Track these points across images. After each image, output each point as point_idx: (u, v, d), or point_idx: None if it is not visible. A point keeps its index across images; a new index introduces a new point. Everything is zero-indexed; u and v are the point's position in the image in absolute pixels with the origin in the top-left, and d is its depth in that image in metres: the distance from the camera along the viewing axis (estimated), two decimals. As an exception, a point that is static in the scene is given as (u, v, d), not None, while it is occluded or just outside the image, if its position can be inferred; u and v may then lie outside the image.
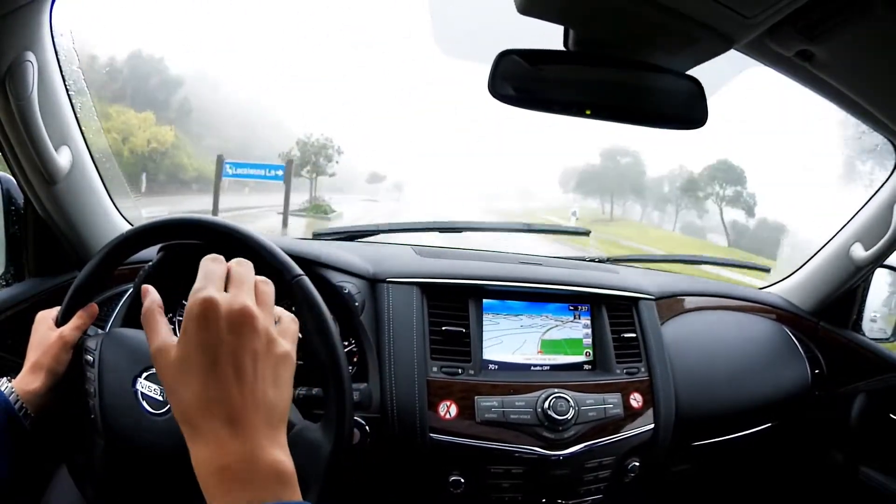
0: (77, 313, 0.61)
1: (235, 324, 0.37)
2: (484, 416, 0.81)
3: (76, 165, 0.82)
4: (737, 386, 1.06)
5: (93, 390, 0.56)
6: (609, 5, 0.54)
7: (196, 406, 0.36)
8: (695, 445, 1.02)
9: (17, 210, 0.86)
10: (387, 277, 0.88)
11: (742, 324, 1.19)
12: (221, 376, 0.36)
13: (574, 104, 0.65)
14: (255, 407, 0.36)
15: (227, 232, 0.63)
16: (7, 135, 0.71)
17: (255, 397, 0.36)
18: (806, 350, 1.18)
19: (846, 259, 1.14)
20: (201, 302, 0.37)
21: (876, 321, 1.24)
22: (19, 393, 0.56)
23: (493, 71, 0.61)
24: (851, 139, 6.54)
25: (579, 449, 0.83)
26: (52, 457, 0.63)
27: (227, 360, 0.36)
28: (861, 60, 0.63)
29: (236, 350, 0.36)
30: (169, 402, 0.38)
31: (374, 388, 0.81)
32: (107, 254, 0.62)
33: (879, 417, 1.14)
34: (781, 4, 0.51)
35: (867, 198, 1.12)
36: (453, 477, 0.82)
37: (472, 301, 0.89)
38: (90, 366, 0.57)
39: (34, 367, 0.58)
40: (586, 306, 0.95)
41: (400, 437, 0.79)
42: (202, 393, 0.36)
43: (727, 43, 0.58)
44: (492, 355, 0.87)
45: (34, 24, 0.68)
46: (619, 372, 0.91)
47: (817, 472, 1.25)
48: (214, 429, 0.35)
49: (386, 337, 0.83)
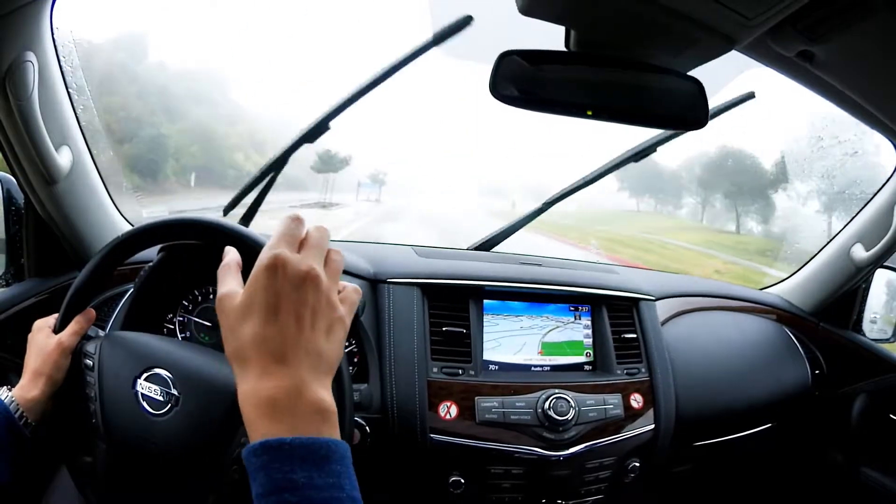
0: (75, 319, 0.61)
1: (300, 282, 0.39)
2: (484, 416, 0.81)
3: (76, 165, 0.82)
4: (737, 386, 1.06)
5: (93, 394, 0.56)
6: (610, 6, 0.54)
7: (251, 343, 0.38)
8: (695, 446, 1.02)
9: (17, 210, 0.86)
10: (387, 278, 0.88)
11: (742, 324, 1.19)
12: (280, 321, 0.38)
13: (575, 105, 0.65)
14: (306, 351, 0.39)
15: (225, 231, 0.63)
16: (7, 135, 0.71)
17: (306, 343, 0.39)
18: (806, 350, 1.18)
19: (847, 260, 1.14)
20: (272, 257, 0.39)
21: (876, 322, 1.24)
22: (19, 401, 0.56)
23: (494, 71, 0.61)
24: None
25: (580, 449, 0.83)
26: (52, 462, 0.63)
27: (289, 309, 0.39)
28: (862, 61, 0.63)
29: (297, 303, 0.39)
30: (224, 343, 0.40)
31: (374, 388, 0.81)
32: (104, 257, 0.62)
33: (879, 417, 1.14)
34: (782, 5, 0.51)
35: (868, 198, 1.12)
36: (453, 477, 0.82)
37: (473, 301, 0.89)
38: (90, 370, 0.58)
39: (34, 374, 0.58)
40: (587, 307, 0.95)
41: (400, 438, 0.79)
42: (259, 333, 0.38)
43: (728, 43, 0.58)
44: (492, 356, 0.87)
45: (34, 24, 0.68)
46: (619, 372, 0.91)
47: (817, 472, 1.25)
48: (265, 364, 0.38)
49: (386, 337, 0.83)
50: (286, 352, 0.38)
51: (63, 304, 0.62)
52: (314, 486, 0.35)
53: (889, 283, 1.23)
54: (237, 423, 0.55)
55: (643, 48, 0.62)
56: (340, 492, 0.36)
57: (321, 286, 0.40)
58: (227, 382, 0.57)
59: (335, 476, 0.36)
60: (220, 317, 0.41)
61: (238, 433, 0.55)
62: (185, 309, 0.82)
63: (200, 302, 0.83)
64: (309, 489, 0.35)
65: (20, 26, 0.66)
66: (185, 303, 0.82)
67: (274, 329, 0.38)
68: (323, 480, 0.35)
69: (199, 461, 0.55)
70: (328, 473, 0.36)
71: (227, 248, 0.48)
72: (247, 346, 0.39)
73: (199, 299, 0.83)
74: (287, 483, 0.35)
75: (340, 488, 0.36)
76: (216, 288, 0.42)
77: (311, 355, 0.39)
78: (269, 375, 0.38)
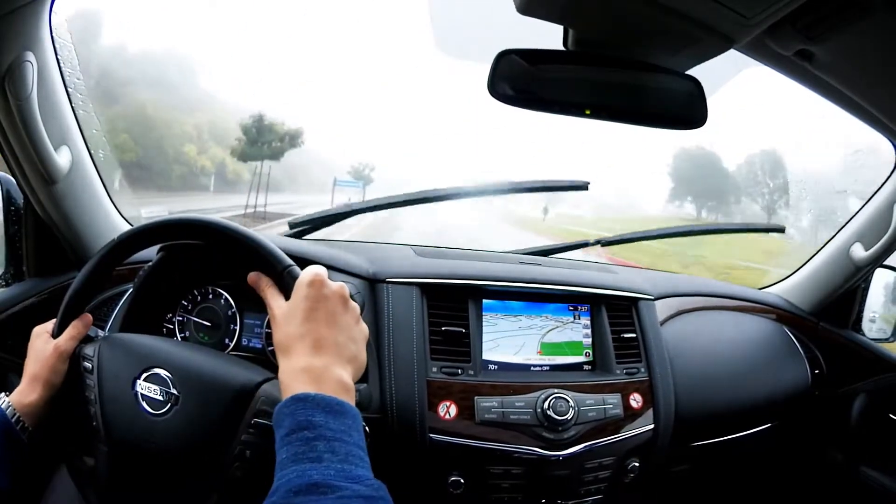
0: (72, 324, 0.61)
1: (331, 294, 0.54)
2: (484, 416, 0.81)
3: (76, 165, 0.82)
4: (736, 386, 1.06)
5: (93, 397, 0.56)
6: (609, 5, 0.54)
7: (295, 335, 0.51)
8: (694, 446, 1.02)
9: (16, 210, 0.86)
10: (386, 277, 0.88)
11: (742, 324, 1.19)
12: (317, 321, 0.52)
13: (573, 104, 0.65)
14: (335, 344, 0.52)
15: (223, 231, 0.63)
16: (7, 135, 0.71)
17: (335, 339, 0.52)
18: (806, 350, 1.18)
19: (846, 259, 1.14)
20: (313, 275, 0.54)
21: (875, 321, 1.24)
22: (17, 406, 0.56)
23: (492, 71, 0.61)
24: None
25: (579, 449, 0.83)
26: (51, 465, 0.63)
27: (323, 313, 0.52)
28: (861, 60, 0.63)
29: (331, 310, 0.53)
30: (273, 335, 0.54)
31: (373, 388, 0.81)
32: (102, 257, 0.62)
33: (879, 417, 1.14)
34: (781, 4, 0.51)
35: (867, 198, 1.12)
36: (453, 477, 0.82)
37: (472, 301, 0.89)
38: (89, 373, 0.58)
39: (31, 379, 0.58)
40: (586, 307, 0.95)
41: (400, 438, 0.79)
42: (300, 328, 0.51)
43: (727, 43, 0.58)
44: (492, 356, 0.87)
45: (34, 24, 0.68)
46: (618, 372, 0.91)
47: (817, 472, 1.25)
48: (303, 350, 0.50)
49: (386, 337, 0.83)
50: (318, 343, 0.51)
51: (61, 307, 0.62)
52: (329, 427, 0.43)
53: (889, 282, 1.23)
54: (237, 421, 0.56)
55: (642, 47, 0.62)
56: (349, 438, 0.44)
57: (350, 305, 0.55)
58: (227, 381, 0.57)
59: (346, 426, 0.44)
60: (271, 322, 0.55)
61: (238, 432, 0.55)
62: (185, 309, 0.82)
63: (200, 302, 0.82)
64: (324, 429, 0.43)
65: (20, 26, 0.66)
66: (185, 303, 0.82)
67: (311, 327, 0.51)
68: (336, 426, 0.44)
69: (200, 460, 0.56)
70: (341, 423, 0.44)
71: (252, 275, 0.60)
72: (290, 338, 0.51)
73: (199, 299, 0.83)
74: (307, 423, 0.43)
75: (349, 436, 0.44)
76: (216, 288, 0.46)
77: (338, 348, 0.51)
78: (305, 358, 0.50)
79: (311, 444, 0.42)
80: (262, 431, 0.55)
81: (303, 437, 0.42)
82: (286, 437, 0.43)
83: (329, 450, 0.42)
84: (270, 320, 0.55)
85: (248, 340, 0.83)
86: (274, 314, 0.55)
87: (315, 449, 0.41)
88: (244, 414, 0.56)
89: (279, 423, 0.45)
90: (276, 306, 0.55)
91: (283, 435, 0.43)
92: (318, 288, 0.53)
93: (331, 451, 0.42)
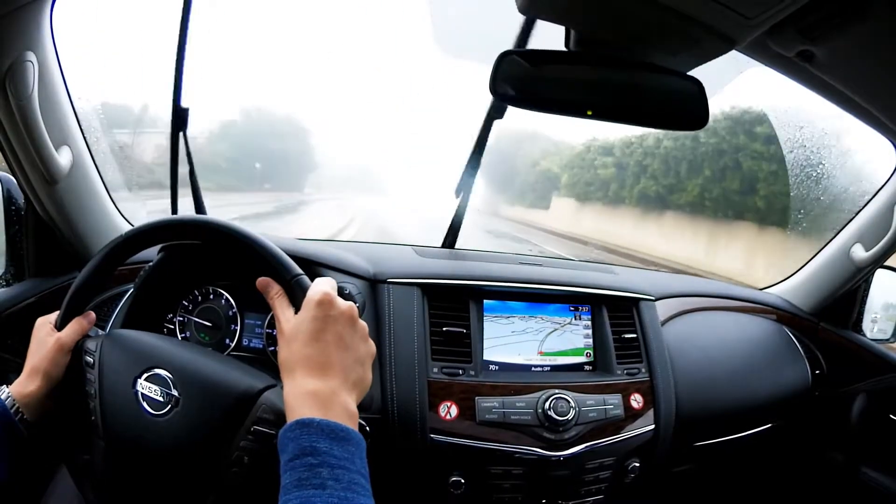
0: (75, 319, 0.61)
1: (339, 315, 0.52)
2: (484, 416, 0.81)
3: (76, 165, 0.82)
4: (737, 386, 1.06)
5: (93, 391, 0.56)
6: (610, 6, 0.54)
7: (301, 355, 0.50)
8: (695, 446, 1.02)
9: (17, 210, 0.86)
10: (387, 278, 0.88)
11: (742, 324, 1.19)
12: (325, 342, 0.50)
13: (575, 104, 0.65)
14: (342, 368, 0.50)
15: (227, 232, 0.62)
16: (7, 135, 0.71)
17: (342, 362, 0.50)
18: (806, 350, 1.18)
19: (847, 260, 1.14)
20: (322, 293, 0.52)
21: (876, 322, 1.24)
22: (16, 397, 0.56)
23: (494, 71, 0.61)
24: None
25: (580, 450, 0.83)
26: (51, 459, 0.63)
27: (332, 335, 0.51)
28: (861, 61, 0.63)
29: (339, 332, 0.51)
30: (278, 352, 0.52)
31: (374, 388, 0.81)
32: (105, 255, 0.62)
33: (879, 417, 1.14)
34: (782, 5, 0.51)
35: (868, 199, 1.12)
36: (454, 478, 0.82)
37: (473, 302, 0.89)
38: (90, 367, 0.58)
39: (32, 371, 0.58)
40: (587, 307, 0.95)
41: (400, 438, 0.79)
42: (307, 348, 0.50)
43: (728, 43, 0.58)
44: (492, 356, 0.87)
45: (34, 24, 0.68)
46: (619, 373, 0.91)
47: (817, 472, 1.25)
48: (309, 372, 0.49)
49: (386, 337, 0.83)
50: (324, 366, 0.49)
51: (65, 300, 0.62)
52: (333, 454, 0.43)
53: (889, 283, 1.23)
54: (236, 424, 0.55)
55: (643, 48, 0.62)
56: (353, 466, 0.43)
57: (358, 325, 0.53)
58: (227, 384, 0.57)
59: (350, 454, 0.44)
60: (278, 335, 0.54)
61: (237, 435, 0.55)
62: (185, 309, 0.82)
63: (200, 302, 0.82)
64: (328, 456, 0.43)
65: (20, 26, 0.66)
66: (186, 303, 0.82)
67: (317, 349, 0.50)
68: (340, 453, 0.44)
69: (199, 462, 0.55)
70: (345, 450, 0.44)
71: (261, 280, 0.58)
72: (294, 359, 0.50)
73: (200, 299, 0.82)
74: (311, 449, 0.43)
75: (353, 463, 0.44)
76: (216, 288, 0.45)
77: (344, 371, 0.50)
78: (312, 380, 0.48)
79: (315, 471, 0.42)
80: (261, 438, 0.54)
81: (306, 462, 0.42)
82: (290, 461, 0.43)
83: (333, 477, 0.42)
84: (277, 333, 0.54)
85: (249, 340, 0.83)
86: (282, 328, 0.54)
87: (319, 475, 0.42)
88: (244, 420, 0.55)
89: (283, 448, 0.45)
90: (284, 319, 0.54)
91: (287, 459, 0.43)
92: (327, 308, 0.51)
93: (334, 478, 0.42)
